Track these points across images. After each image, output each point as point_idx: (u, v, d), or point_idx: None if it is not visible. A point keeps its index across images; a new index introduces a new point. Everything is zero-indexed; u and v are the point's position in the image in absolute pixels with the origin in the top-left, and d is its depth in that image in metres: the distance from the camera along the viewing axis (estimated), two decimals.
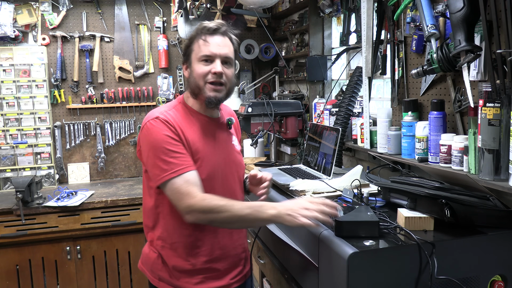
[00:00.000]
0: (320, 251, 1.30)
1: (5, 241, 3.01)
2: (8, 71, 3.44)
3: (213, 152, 1.51)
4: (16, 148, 3.49)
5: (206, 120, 1.54)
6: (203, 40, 1.48)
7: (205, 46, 1.47)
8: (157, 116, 1.45)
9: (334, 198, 1.59)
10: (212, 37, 1.48)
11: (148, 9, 3.77)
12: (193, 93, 1.53)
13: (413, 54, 1.99)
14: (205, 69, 1.47)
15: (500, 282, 1.29)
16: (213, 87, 1.48)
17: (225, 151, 1.57)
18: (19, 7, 3.45)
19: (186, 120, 1.50)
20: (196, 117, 1.53)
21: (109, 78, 3.74)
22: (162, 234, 1.52)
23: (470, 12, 1.46)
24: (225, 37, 1.51)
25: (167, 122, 1.43)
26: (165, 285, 1.52)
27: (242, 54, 3.76)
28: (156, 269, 1.54)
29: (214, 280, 1.53)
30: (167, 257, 1.52)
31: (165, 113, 1.47)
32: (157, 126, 1.43)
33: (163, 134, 1.42)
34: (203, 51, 1.47)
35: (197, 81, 1.49)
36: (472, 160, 1.54)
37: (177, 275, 1.51)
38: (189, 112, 1.53)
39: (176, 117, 1.48)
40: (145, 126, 1.46)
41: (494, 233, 1.27)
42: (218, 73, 1.47)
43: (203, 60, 1.48)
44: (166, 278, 1.52)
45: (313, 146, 2.05)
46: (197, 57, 1.49)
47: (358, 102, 2.45)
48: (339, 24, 2.86)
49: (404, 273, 1.18)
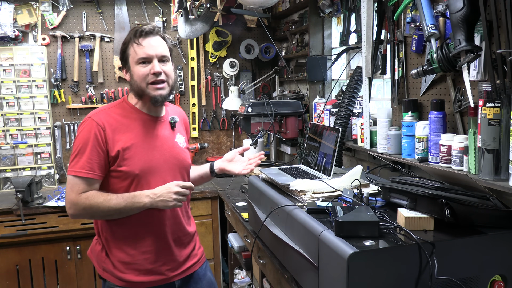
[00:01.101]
0: (320, 251, 1.30)
1: (5, 241, 3.01)
2: (8, 71, 3.44)
3: (149, 148, 1.61)
4: (16, 148, 3.49)
5: (147, 118, 1.64)
6: (137, 43, 1.57)
7: (140, 49, 1.56)
8: (90, 116, 1.58)
9: (334, 198, 1.59)
10: (145, 39, 1.57)
11: (148, 9, 3.77)
12: (137, 95, 1.62)
13: (413, 54, 1.99)
14: (144, 71, 1.57)
15: (500, 282, 1.29)
16: (155, 86, 1.58)
17: (165, 147, 1.65)
18: (19, 7, 3.44)
19: (124, 117, 1.61)
20: (136, 115, 1.63)
21: (109, 78, 3.74)
22: (103, 226, 1.63)
23: (470, 12, 1.46)
24: (157, 36, 1.60)
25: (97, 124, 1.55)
26: (108, 276, 1.64)
27: (242, 54, 3.76)
28: (101, 261, 1.65)
29: (155, 274, 1.63)
30: (109, 250, 1.63)
31: (100, 113, 1.59)
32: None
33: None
34: (139, 54, 1.57)
35: (138, 83, 1.58)
36: (472, 160, 1.54)
37: (119, 266, 1.61)
38: (130, 109, 1.64)
39: (111, 116, 1.58)
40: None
41: (494, 233, 1.27)
42: (157, 73, 1.57)
43: (141, 63, 1.57)
44: (109, 269, 1.63)
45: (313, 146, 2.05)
46: (135, 60, 1.58)
47: (358, 102, 2.45)
48: (339, 24, 2.86)
49: (404, 273, 1.18)
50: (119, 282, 1.62)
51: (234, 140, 3.99)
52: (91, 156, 1.52)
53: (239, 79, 3.93)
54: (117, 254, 1.62)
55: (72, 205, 1.54)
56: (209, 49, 3.85)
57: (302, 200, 1.60)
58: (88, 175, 1.52)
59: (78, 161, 1.53)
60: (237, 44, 3.82)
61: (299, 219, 1.45)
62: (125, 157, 1.56)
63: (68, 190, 1.54)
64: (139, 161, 1.57)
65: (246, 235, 2.35)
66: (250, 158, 1.85)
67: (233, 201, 2.71)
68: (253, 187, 2.01)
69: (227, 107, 3.78)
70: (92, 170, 1.53)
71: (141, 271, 1.62)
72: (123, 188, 1.58)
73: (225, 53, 3.90)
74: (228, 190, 3.03)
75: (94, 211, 1.53)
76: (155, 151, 1.62)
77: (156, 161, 1.62)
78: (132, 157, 1.57)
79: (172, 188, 1.56)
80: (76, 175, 1.53)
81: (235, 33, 3.87)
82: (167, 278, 1.66)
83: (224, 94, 3.95)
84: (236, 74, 3.89)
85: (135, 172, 1.56)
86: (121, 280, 1.61)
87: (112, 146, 1.55)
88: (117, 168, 1.56)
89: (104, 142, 1.54)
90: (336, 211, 1.33)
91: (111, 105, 1.66)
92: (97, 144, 1.53)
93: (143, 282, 1.62)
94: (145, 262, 1.62)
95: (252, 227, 2.14)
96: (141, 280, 1.62)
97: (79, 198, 1.52)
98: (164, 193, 1.55)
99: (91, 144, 1.53)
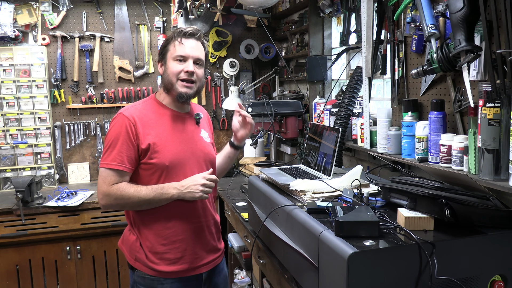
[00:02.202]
0: (320, 251, 1.30)
1: (5, 241, 3.01)
2: (8, 71, 3.44)
3: (177, 142, 1.69)
4: (16, 148, 3.49)
5: (174, 114, 1.74)
6: (178, 42, 1.67)
7: (180, 47, 1.67)
8: (121, 112, 1.67)
9: (334, 198, 1.59)
10: (187, 40, 1.68)
11: (148, 9, 3.77)
12: (165, 88, 1.72)
13: (413, 54, 1.99)
14: (178, 68, 1.67)
15: (500, 282, 1.29)
16: (185, 84, 1.68)
17: (192, 141, 1.74)
18: (19, 7, 3.45)
19: (154, 113, 1.70)
20: (163, 111, 1.73)
21: (109, 78, 3.74)
22: (135, 217, 1.71)
23: (470, 12, 1.46)
24: (198, 41, 1.71)
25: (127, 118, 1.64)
26: (140, 265, 1.70)
27: (242, 54, 3.76)
28: (134, 250, 1.71)
29: (184, 263, 1.70)
30: (142, 240, 1.70)
31: (130, 109, 1.68)
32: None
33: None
34: (178, 51, 1.67)
35: (170, 77, 1.68)
36: (472, 160, 1.54)
37: (151, 257, 1.68)
38: (159, 106, 1.73)
39: (142, 112, 1.67)
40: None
41: (494, 233, 1.27)
42: (190, 72, 1.67)
43: (177, 60, 1.67)
44: (142, 259, 1.69)
45: (313, 146, 2.05)
46: (172, 56, 1.68)
47: (358, 102, 2.45)
48: (339, 24, 2.86)
49: (404, 273, 1.18)
50: (151, 272, 1.69)
51: None
52: (122, 150, 1.61)
53: (239, 79, 3.94)
54: (149, 243, 1.68)
55: (104, 196, 1.62)
56: (209, 49, 3.85)
57: (302, 200, 1.60)
58: (119, 167, 1.61)
59: (109, 154, 1.62)
60: (237, 44, 3.82)
61: (299, 219, 1.45)
62: (155, 149, 1.64)
63: (101, 182, 1.62)
64: (168, 153, 1.66)
65: (246, 235, 2.35)
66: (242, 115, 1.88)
67: (233, 201, 2.71)
68: (253, 187, 2.01)
69: (227, 107, 3.78)
70: (122, 162, 1.61)
71: (172, 260, 1.69)
72: (153, 180, 1.66)
73: (225, 53, 3.90)
74: (228, 190, 3.03)
75: (125, 201, 1.61)
76: (183, 144, 1.71)
77: (184, 154, 1.70)
78: (162, 150, 1.65)
79: (199, 180, 1.64)
80: (107, 167, 1.61)
81: (235, 33, 3.87)
82: (195, 267, 1.73)
83: (224, 94, 3.95)
84: (236, 74, 3.89)
85: (165, 164, 1.64)
86: (152, 270, 1.68)
87: (143, 140, 1.63)
88: (148, 161, 1.64)
89: (135, 136, 1.63)
90: (336, 211, 1.33)
91: (140, 102, 1.76)
92: (128, 138, 1.62)
93: (173, 272, 1.69)
94: (175, 251, 1.69)
95: (252, 227, 2.14)
96: (171, 270, 1.68)
97: (111, 189, 1.60)
98: (191, 185, 1.63)
99: (122, 138, 1.62)
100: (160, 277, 1.69)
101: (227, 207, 2.91)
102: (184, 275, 1.71)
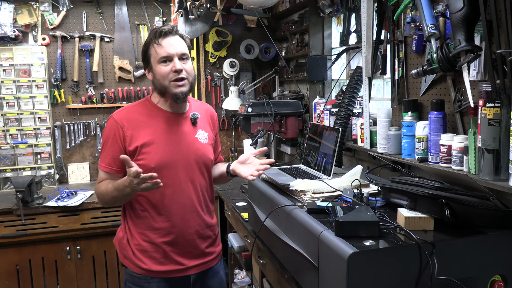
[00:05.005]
0: (320, 251, 1.30)
1: (5, 241, 3.01)
2: (8, 71, 3.44)
3: (167, 144, 1.69)
4: (16, 148, 3.49)
5: (168, 115, 1.73)
6: (157, 44, 1.65)
7: (161, 48, 1.64)
8: (112, 115, 1.72)
9: (334, 198, 1.59)
10: (165, 39, 1.65)
11: (148, 9, 3.77)
12: (160, 93, 1.71)
13: (413, 54, 1.99)
14: (166, 69, 1.65)
15: (500, 282, 1.29)
16: (177, 83, 1.66)
17: (184, 142, 1.73)
18: (19, 7, 3.45)
19: (146, 116, 1.71)
20: (157, 113, 1.73)
21: (109, 78, 3.74)
22: (125, 214, 1.77)
23: (470, 12, 1.46)
24: (176, 35, 1.68)
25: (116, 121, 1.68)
26: (128, 263, 1.74)
27: (242, 54, 3.76)
28: (122, 248, 1.76)
29: (172, 263, 1.70)
30: (130, 237, 1.73)
31: (122, 111, 1.71)
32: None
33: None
34: (160, 53, 1.64)
35: (161, 81, 1.66)
36: (472, 160, 1.54)
37: (138, 254, 1.70)
38: (152, 108, 1.73)
39: (133, 115, 1.70)
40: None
41: (494, 233, 1.27)
42: (179, 70, 1.64)
43: (163, 62, 1.65)
44: (129, 256, 1.73)
45: (313, 146, 2.05)
46: (156, 60, 1.65)
47: (358, 102, 2.45)
48: (339, 24, 2.86)
49: (404, 273, 1.18)
50: (138, 270, 1.71)
51: (234, 140, 3.99)
52: (109, 152, 1.68)
53: (239, 79, 3.93)
54: (136, 241, 1.72)
55: (95, 193, 1.75)
56: (209, 49, 3.85)
57: (302, 200, 1.60)
58: (105, 169, 1.69)
59: (101, 156, 1.72)
60: (237, 44, 3.81)
61: (299, 219, 1.45)
62: (142, 151, 1.67)
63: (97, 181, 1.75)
64: (155, 155, 1.67)
65: (246, 235, 2.35)
66: (261, 163, 1.78)
67: (233, 201, 2.71)
68: (253, 187, 2.01)
69: (227, 107, 3.78)
70: (109, 165, 1.68)
71: (158, 260, 1.70)
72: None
73: (225, 53, 3.90)
74: (228, 190, 3.03)
75: (104, 197, 1.68)
76: (173, 147, 1.71)
77: (173, 156, 1.70)
78: (150, 151, 1.67)
79: (133, 180, 1.52)
80: (99, 168, 1.72)
81: (235, 33, 3.87)
82: (183, 269, 1.73)
83: (224, 94, 3.95)
84: (236, 74, 3.89)
85: (151, 166, 1.65)
86: (139, 268, 1.70)
87: (130, 142, 1.67)
88: (136, 162, 1.63)
89: (122, 138, 1.67)
90: (336, 211, 1.33)
91: (134, 104, 1.78)
92: (115, 141, 1.67)
93: (160, 272, 1.69)
94: (162, 250, 1.70)
95: (252, 227, 2.14)
96: (158, 269, 1.69)
97: (96, 187, 1.72)
98: (132, 181, 1.52)
99: (110, 141, 1.68)
100: (147, 276, 1.70)
101: (227, 207, 2.91)
102: (171, 276, 1.71)
